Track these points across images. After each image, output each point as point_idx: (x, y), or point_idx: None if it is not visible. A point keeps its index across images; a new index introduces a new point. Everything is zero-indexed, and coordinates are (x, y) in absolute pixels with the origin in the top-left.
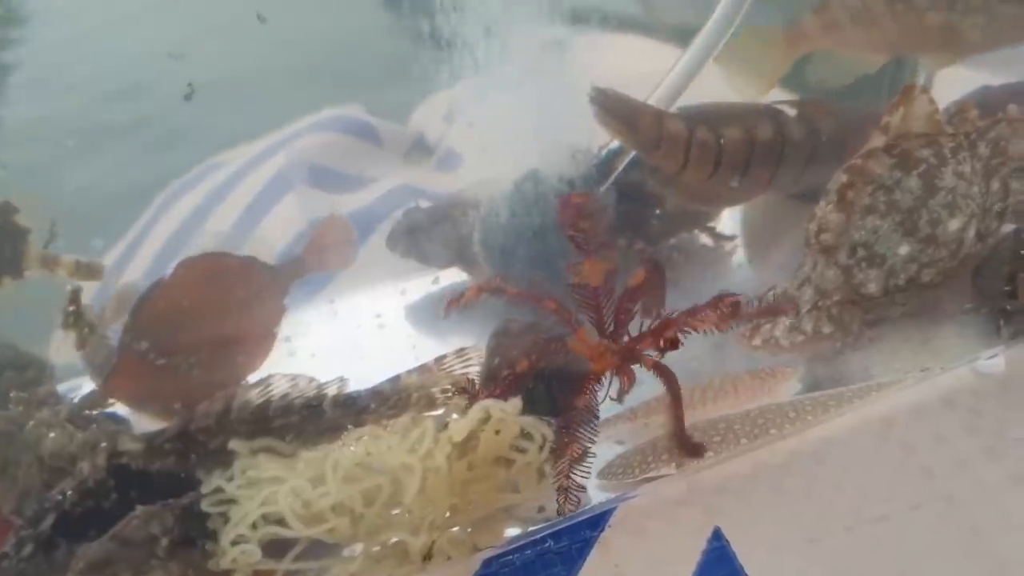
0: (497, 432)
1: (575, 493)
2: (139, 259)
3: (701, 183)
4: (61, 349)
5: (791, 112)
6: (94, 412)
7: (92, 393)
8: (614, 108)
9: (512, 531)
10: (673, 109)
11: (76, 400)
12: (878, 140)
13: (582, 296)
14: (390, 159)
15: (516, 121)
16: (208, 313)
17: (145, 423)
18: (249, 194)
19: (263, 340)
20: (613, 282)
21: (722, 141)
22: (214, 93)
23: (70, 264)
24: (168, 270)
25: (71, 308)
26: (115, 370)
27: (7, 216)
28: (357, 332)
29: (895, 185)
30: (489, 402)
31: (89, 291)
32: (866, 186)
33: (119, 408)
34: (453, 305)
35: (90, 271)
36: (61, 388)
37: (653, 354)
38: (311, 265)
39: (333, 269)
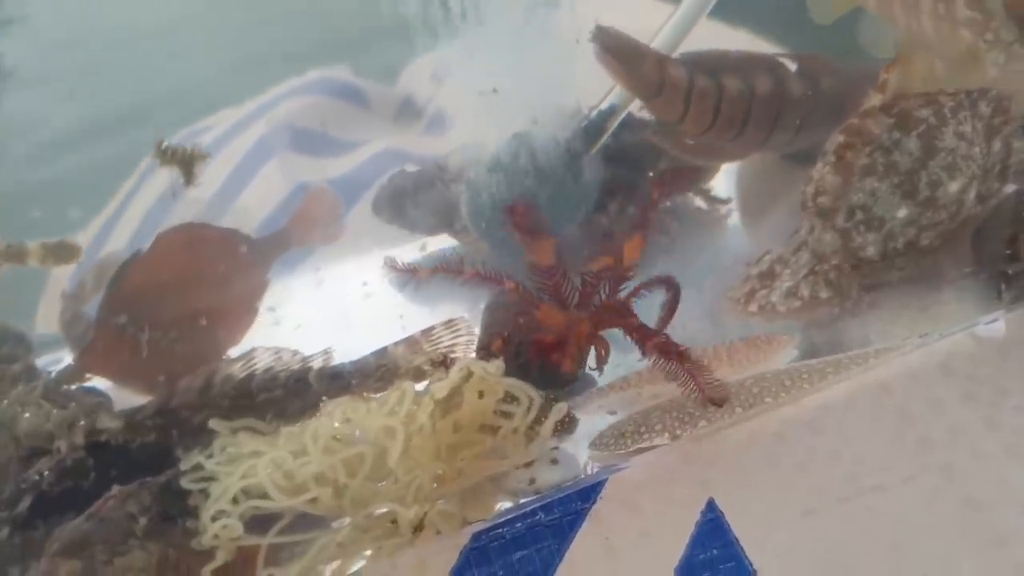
0: (481, 395)
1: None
2: (120, 230)
3: (699, 135)
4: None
5: (791, 66)
6: (72, 387)
7: (68, 367)
8: (616, 49)
9: (502, 505)
10: (675, 55)
11: (53, 375)
12: (876, 99)
13: (537, 276)
14: (378, 122)
15: (504, 81)
16: (188, 286)
17: (126, 397)
18: (232, 161)
19: (244, 314)
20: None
21: (722, 92)
22: (196, 56)
23: (38, 250)
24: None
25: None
26: (92, 344)
27: None
28: (344, 301)
29: (894, 146)
30: (470, 360)
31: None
32: (864, 147)
33: (98, 382)
34: (395, 270)
35: (63, 252)
36: (43, 361)
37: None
38: (296, 239)
39: (318, 244)
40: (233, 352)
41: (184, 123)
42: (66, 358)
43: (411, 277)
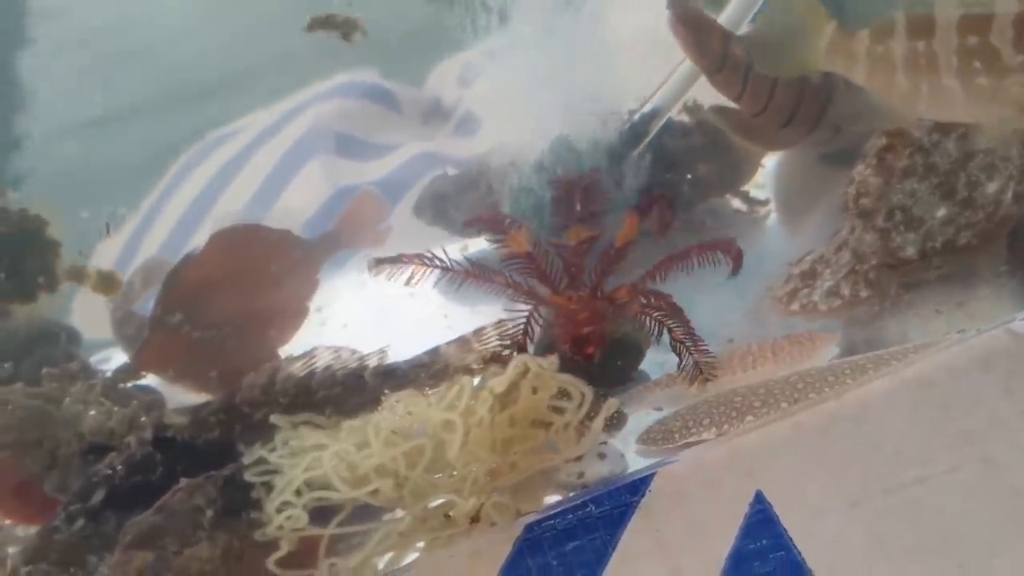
0: (535, 391)
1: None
2: (157, 230)
3: (752, 117)
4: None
5: None
6: (127, 385)
7: (124, 366)
8: (689, 19)
9: (552, 499)
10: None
11: (109, 374)
12: None
13: (518, 265)
14: (409, 124)
15: (534, 83)
16: (241, 286)
17: (177, 394)
18: (269, 163)
19: (296, 314)
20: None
21: (777, 77)
22: (226, 59)
23: (94, 275)
24: (184, 244)
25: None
26: (147, 343)
27: (39, 230)
28: (387, 301)
29: (933, 148)
30: (526, 356)
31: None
32: (904, 149)
33: (149, 379)
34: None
35: (108, 284)
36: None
37: None
38: (344, 241)
39: (367, 246)
40: (285, 350)
41: (215, 124)
42: (113, 357)
43: (398, 269)
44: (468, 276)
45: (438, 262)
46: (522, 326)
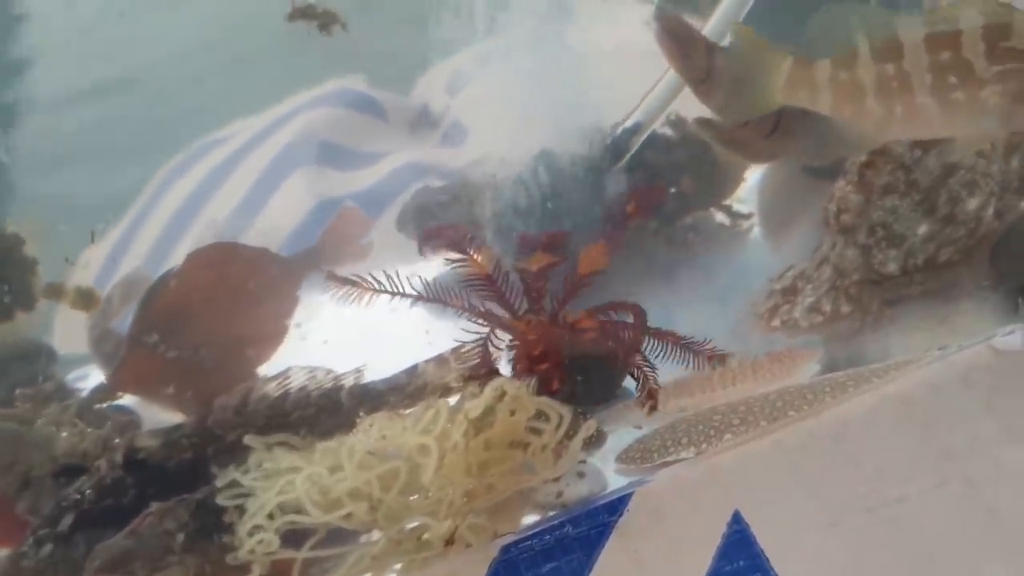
0: (512, 413)
1: None
2: (138, 243)
3: (735, 129)
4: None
5: None
6: (103, 405)
7: (100, 386)
8: (674, 31)
9: (530, 518)
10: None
11: (85, 395)
12: None
13: (477, 288)
14: (396, 133)
15: (521, 93)
16: (219, 305)
17: (154, 414)
18: (253, 173)
19: (275, 332)
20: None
21: None
22: (212, 66)
23: (71, 292)
24: (169, 254)
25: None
26: (123, 362)
27: (16, 248)
28: (368, 316)
29: (914, 164)
30: (504, 379)
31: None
32: (885, 165)
33: (127, 399)
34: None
35: (87, 300)
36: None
37: None
38: (326, 257)
39: (348, 262)
40: (264, 369)
41: (200, 134)
42: (91, 375)
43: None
44: (420, 299)
45: (386, 287)
46: (480, 349)
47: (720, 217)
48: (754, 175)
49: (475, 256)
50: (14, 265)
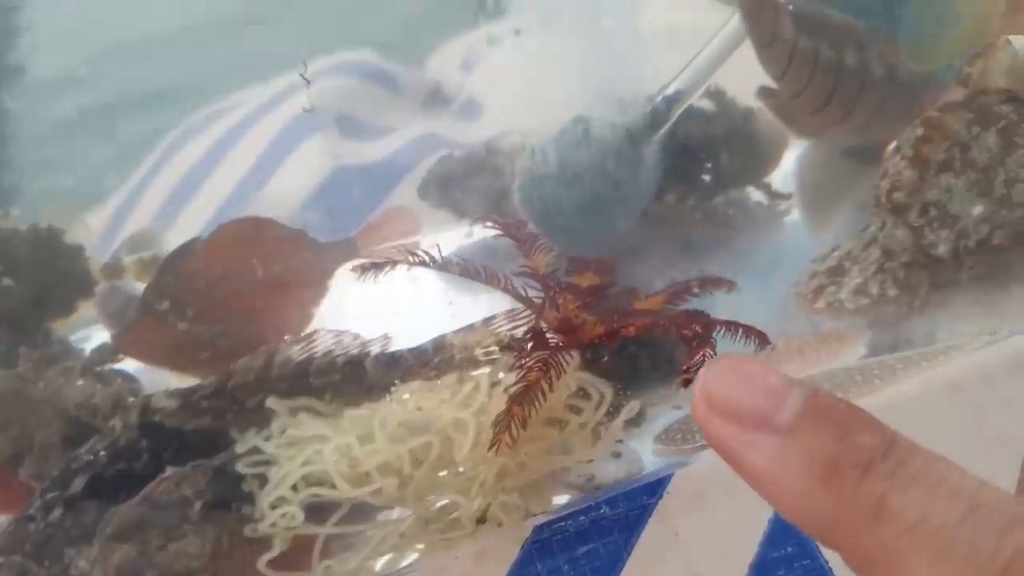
0: (551, 388)
1: None
2: (145, 203)
3: (792, 97)
4: None
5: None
6: (104, 367)
7: (102, 347)
8: None
9: (561, 498)
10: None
11: (88, 353)
12: (957, 93)
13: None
14: (408, 107)
15: (549, 63)
16: (243, 283)
17: (155, 379)
18: (264, 140)
19: (297, 319)
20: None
21: (818, 57)
22: (221, 33)
23: (134, 267)
24: (176, 217)
25: None
26: (132, 326)
27: (57, 240)
28: (389, 286)
29: (972, 141)
30: (547, 353)
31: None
32: (942, 141)
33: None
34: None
35: (152, 266)
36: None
37: None
38: (362, 250)
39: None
40: None
41: (209, 101)
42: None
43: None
44: (465, 274)
45: (431, 260)
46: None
47: (759, 195)
48: (792, 155)
49: (537, 255)
50: (63, 259)
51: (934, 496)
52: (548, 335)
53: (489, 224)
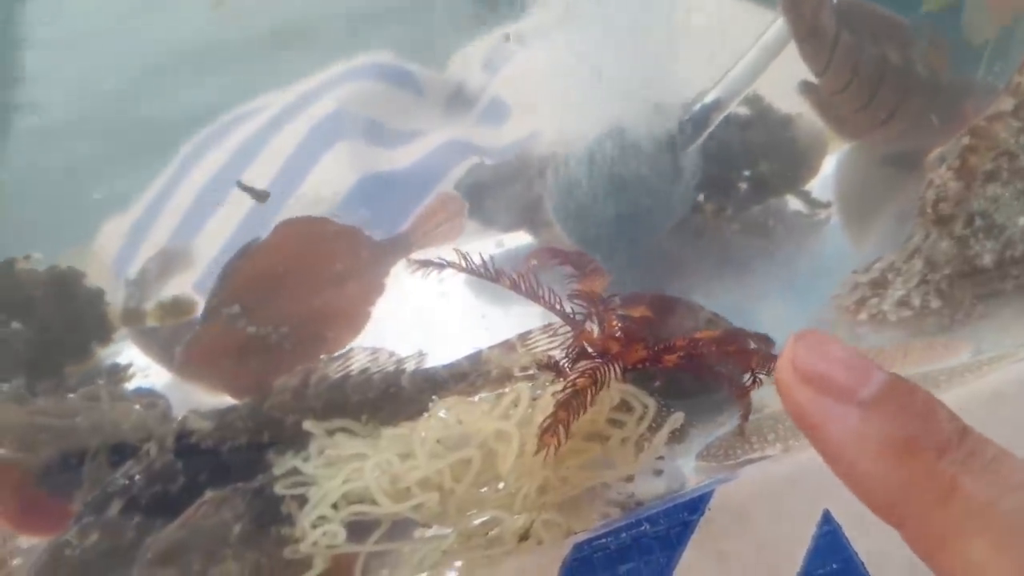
0: (594, 401)
1: None
2: (166, 216)
3: (834, 94)
4: None
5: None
6: (121, 387)
7: (114, 367)
8: None
9: (600, 515)
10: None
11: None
12: (1006, 103)
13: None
14: (431, 110)
15: (582, 67)
16: (305, 282)
17: (186, 400)
18: (289, 146)
19: (357, 317)
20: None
21: (861, 53)
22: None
23: (155, 311)
24: (200, 227)
25: None
26: (199, 335)
27: (76, 283)
28: (418, 299)
29: (1020, 150)
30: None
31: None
32: (989, 151)
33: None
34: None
35: (179, 308)
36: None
37: None
38: (416, 242)
39: (439, 244)
40: None
41: (229, 106)
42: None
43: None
44: (513, 287)
45: (483, 271)
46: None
47: (797, 204)
48: (831, 163)
49: (593, 280)
50: (81, 304)
51: (1005, 484)
52: (592, 352)
53: (549, 256)
